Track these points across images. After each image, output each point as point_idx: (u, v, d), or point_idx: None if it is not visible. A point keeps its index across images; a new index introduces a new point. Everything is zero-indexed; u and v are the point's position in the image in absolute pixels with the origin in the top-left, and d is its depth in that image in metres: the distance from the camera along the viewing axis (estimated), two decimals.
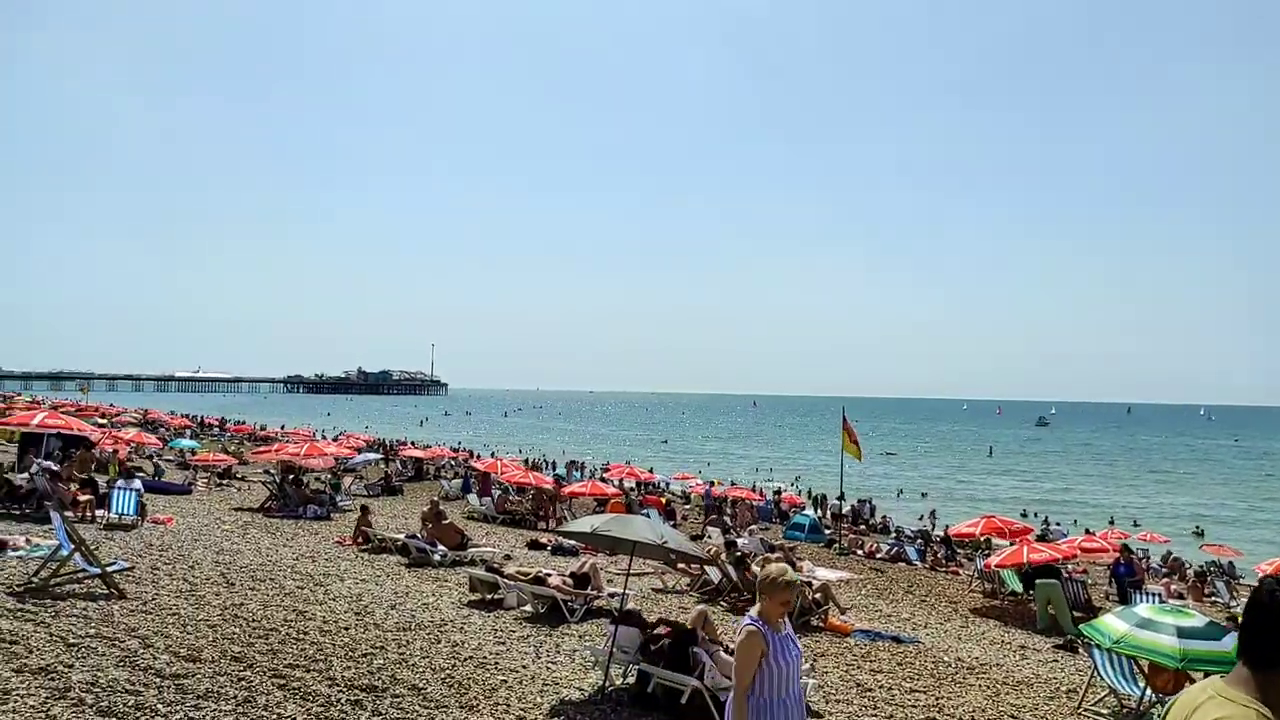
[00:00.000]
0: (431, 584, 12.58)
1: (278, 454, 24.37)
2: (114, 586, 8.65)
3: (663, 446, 79.29)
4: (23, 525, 12.74)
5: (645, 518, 11.11)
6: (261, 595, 9.89)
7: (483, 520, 23.04)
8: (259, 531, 16.61)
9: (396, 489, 28.85)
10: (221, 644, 7.34)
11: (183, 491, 22.52)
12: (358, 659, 7.56)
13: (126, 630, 7.29)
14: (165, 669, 6.30)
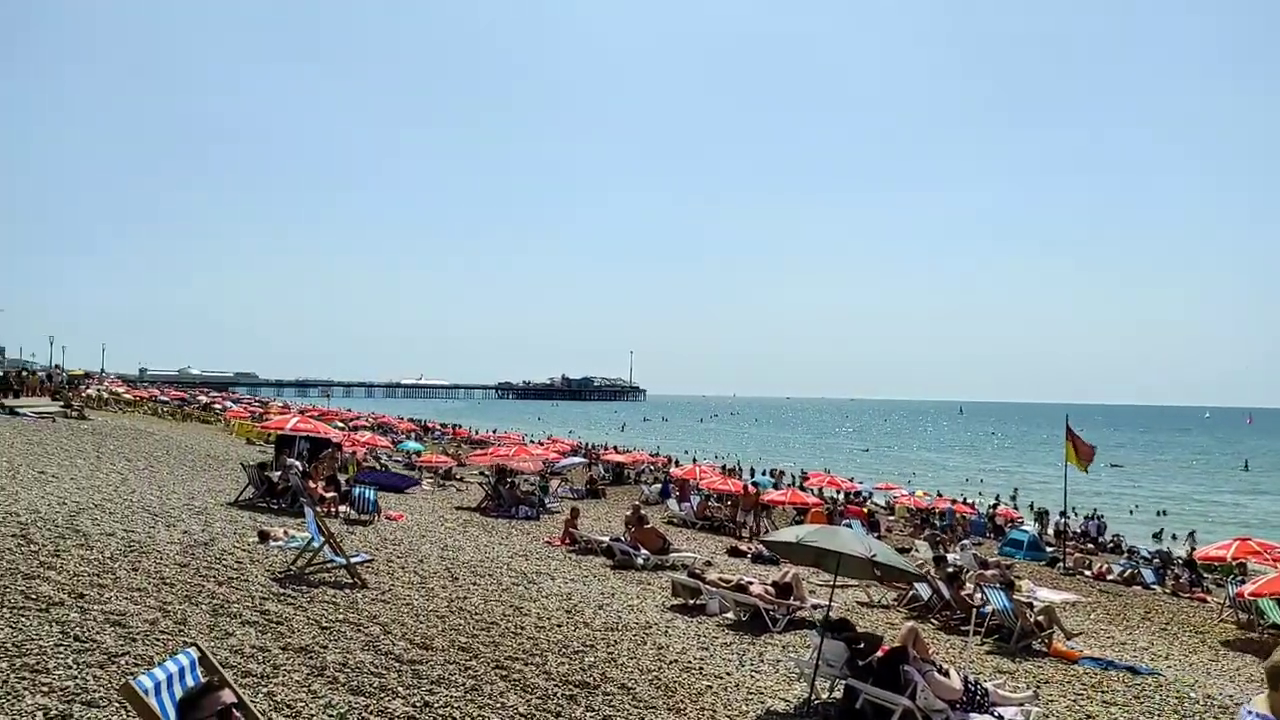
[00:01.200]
0: (635, 586, 12.91)
1: (492, 457, 25.93)
2: (357, 577, 9.55)
3: (864, 455, 76.95)
4: (280, 519, 14.31)
5: (851, 529, 10.85)
6: (482, 590, 10.56)
7: (682, 525, 23.35)
8: (477, 529, 17.74)
9: (599, 492, 29.84)
10: (449, 634, 7.91)
11: (413, 484, 24.61)
12: (570, 655, 7.91)
13: (369, 617, 8.03)
14: (403, 655, 6.88)
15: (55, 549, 8.48)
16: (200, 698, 3.09)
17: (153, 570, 8.32)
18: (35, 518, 10.10)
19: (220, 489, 17.70)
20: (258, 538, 11.57)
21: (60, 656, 5.31)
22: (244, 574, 9.00)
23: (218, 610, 7.26)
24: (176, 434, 32.60)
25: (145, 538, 10.07)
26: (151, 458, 22.01)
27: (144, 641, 5.93)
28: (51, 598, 6.63)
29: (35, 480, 13.98)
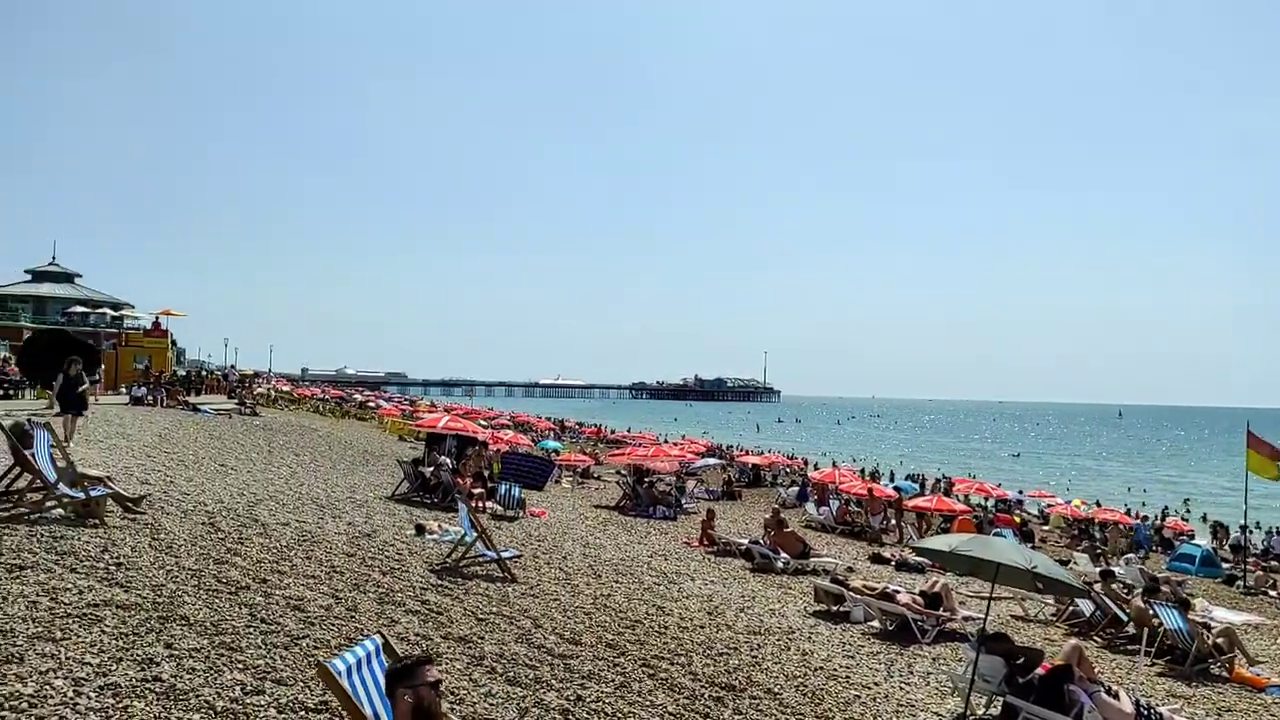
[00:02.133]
0: (776, 590, 12.80)
1: (629, 457, 26.28)
2: (508, 571, 9.91)
3: (1014, 460, 73.23)
4: (433, 513, 15.01)
5: (1007, 539, 10.37)
6: (625, 588, 10.74)
7: (820, 530, 22.94)
8: (616, 528, 18.04)
9: (735, 494, 29.72)
10: (596, 630, 8.09)
11: (549, 469, 25.35)
12: (714, 657, 7.93)
13: (520, 611, 8.31)
14: (554, 649, 7.09)
15: (239, 537, 9.21)
16: (415, 668, 3.30)
17: (324, 559, 8.90)
18: (220, 507, 10.98)
19: (378, 483, 18.71)
20: (414, 531, 12.18)
21: (250, 637, 5.76)
22: (404, 565, 9.49)
23: (383, 599, 7.70)
24: (336, 430, 34.73)
25: (315, 528, 10.78)
26: (316, 452, 23.53)
27: (321, 625, 6.35)
28: (239, 582, 7.21)
29: (217, 472, 15.19)
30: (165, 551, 7.85)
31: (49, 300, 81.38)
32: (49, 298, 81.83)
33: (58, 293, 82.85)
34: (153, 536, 8.40)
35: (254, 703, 4.67)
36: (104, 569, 6.85)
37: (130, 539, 8.09)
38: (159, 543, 8.17)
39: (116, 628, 5.47)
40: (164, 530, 8.77)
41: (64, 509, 8.61)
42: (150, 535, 8.43)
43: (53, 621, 5.38)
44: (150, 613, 5.89)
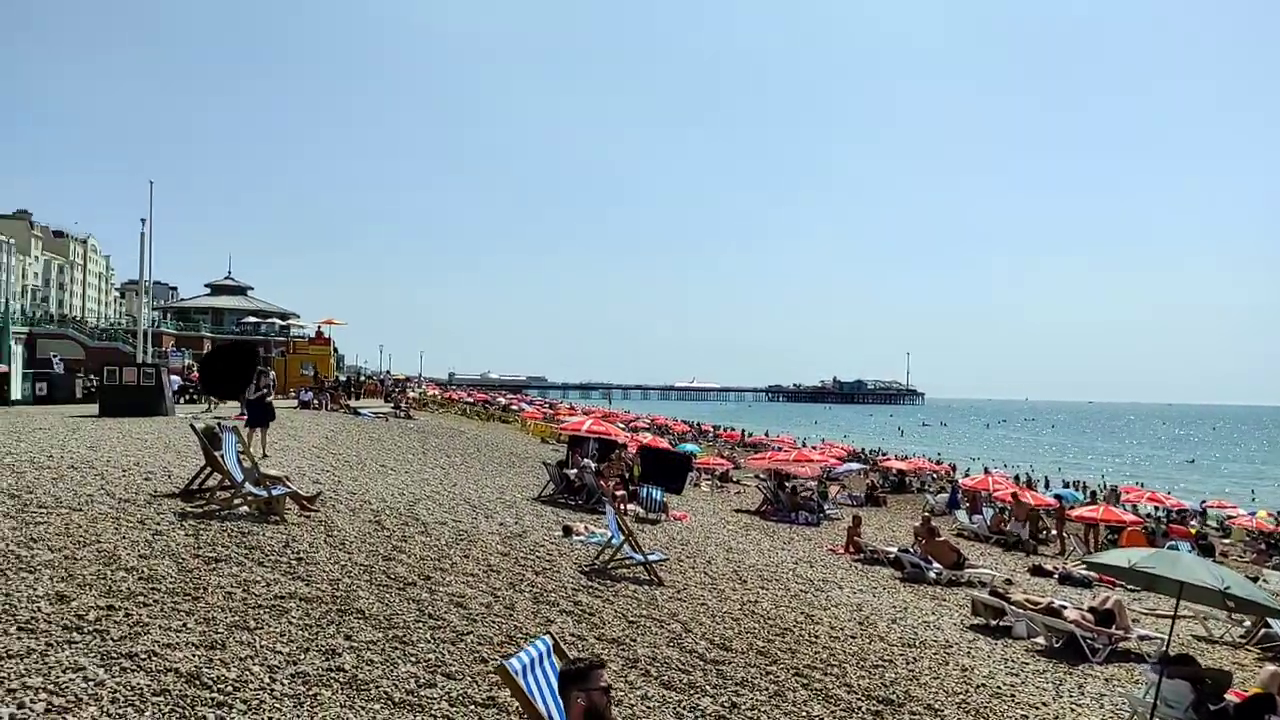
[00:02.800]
0: (929, 601, 12.34)
1: (770, 461, 26.01)
2: (655, 574, 9.99)
3: (1188, 467, 67.77)
4: (578, 514, 15.34)
5: (1193, 556, 9.60)
6: (771, 595, 10.62)
7: (973, 539, 21.96)
8: (758, 533, 17.89)
9: (879, 500, 28.89)
10: (746, 637, 8.03)
11: (686, 463, 25.44)
12: (869, 669, 7.71)
13: (669, 614, 8.36)
14: (705, 654, 7.09)
15: (403, 535, 9.70)
16: (588, 672, 3.39)
17: (480, 558, 9.25)
18: (384, 506, 11.61)
19: (524, 484, 19.30)
20: (562, 532, 12.48)
21: (420, 631, 6.06)
22: (555, 565, 9.74)
23: (538, 598, 7.92)
24: (483, 433, 36.09)
25: (471, 527, 11.22)
26: (465, 454, 24.52)
27: (483, 623, 6.60)
28: (405, 578, 7.59)
29: (378, 472, 16.07)
30: (339, 548, 8.37)
31: (225, 311, 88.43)
32: (225, 309, 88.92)
33: (233, 304, 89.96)
34: (327, 533, 8.97)
35: (427, 695, 4.90)
36: (286, 564, 7.37)
37: (307, 535, 8.67)
38: (333, 539, 8.72)
39: (301, 619, 5.87)
40: (336, 528, 9.35)
41: (249, 506, 9.33)
42: (325, 532, 9.00)
43: (246, 611, 5.83)
44: (330, 606, 6.29)
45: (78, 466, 10.82)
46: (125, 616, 5.33)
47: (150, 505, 8.97)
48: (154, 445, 14.25)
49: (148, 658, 4.70)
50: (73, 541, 6.99)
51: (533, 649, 3.67)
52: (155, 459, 12.49)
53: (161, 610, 5.56)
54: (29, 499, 8.39)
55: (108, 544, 7.05)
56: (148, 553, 6.97)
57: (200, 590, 6.15)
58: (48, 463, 10.90)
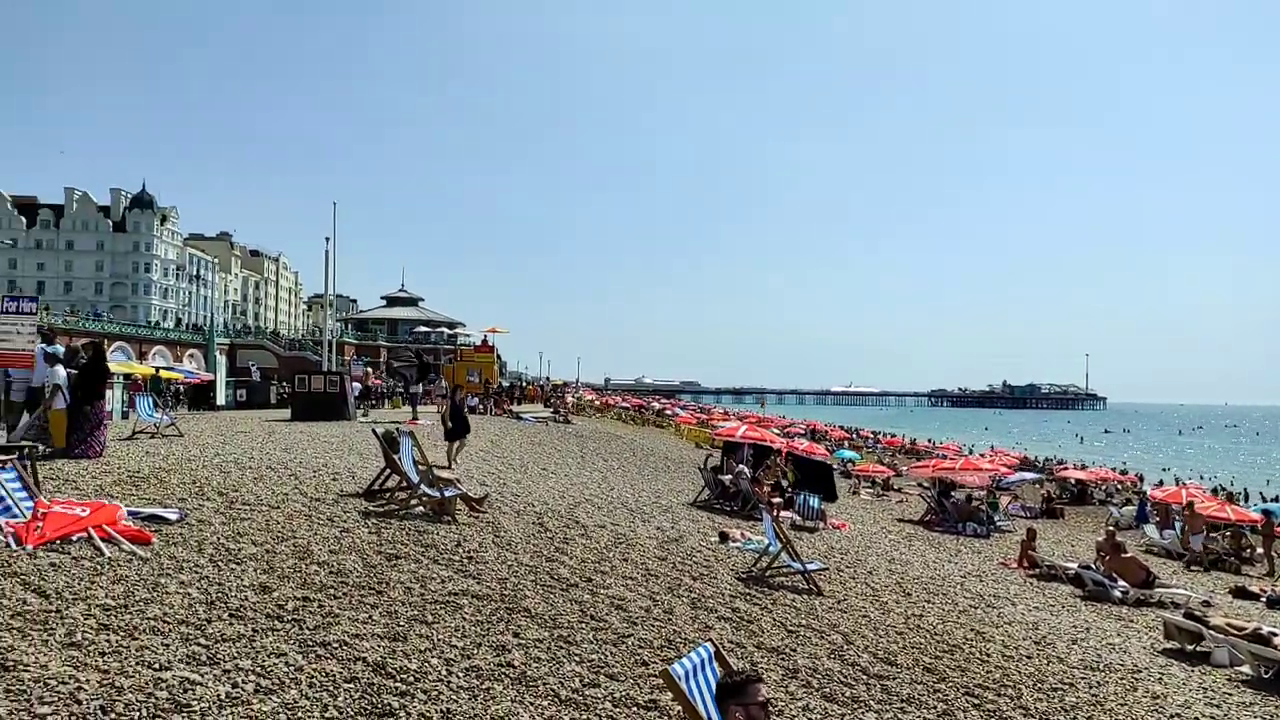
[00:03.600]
0: (1114, 622, 11.49)
1: (934, 469, 24.99)
2: (814, 584, 9.82)
3: None
4: (734, 520, 15.29)
5: None
6: (938, 609, 10.20)
7: (1164, 556, 20.25)
8: (922, 544, 17.22)
9: (1056, 512, 27.17)
10: (911, 652, 7.75)
11: (827, 467, 24.61)
12: (1047, 692, 7.27)
13: (829, 625, 8.19)
14: (868, 667, 6.90)
15: (564, 537, 10.00)
16: (745, 686, 3.40)
17: (639, 561, 9.40)
18: (546, 508, 12.01)
19: (679, 489, 19.44)
20: (718, 538, 12.49)
21: (583, 632, 6.23)
22: (712, 571, 9.76)
23: (695, 604, 7.96)
24: (638, 437, 36.63)
25: (629, 531, 11.43)
26: (621, 458, 24.97)
27: (642, 626, 6.71)
28: (568, 579, 7.82)
29: (540, 475, 16.63)
30: (505, 548, 8.73)
31: (400, 322, 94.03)
32: (399, 320, 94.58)
33: (406, 315, 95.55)
34: (494, 534, 9.38)
35: (592, 694, 5.03)
36: (459, 562, 7.77)
37: (477, 535, 9.10)
38: (500, 540, 9.11)
39: (473, 615, 6.17)
40: (503, 529, 9.76)
41: (424, 506, 9.89)
42: (492, 533, 9.42)
43: (424, 606, 6.19)
44: (499, 604, 6.57)
45: (274, 467, 11.82)
46: (319, 607, 5.78)
47: (337, 504, 9.68)
48: (339, 448, 15.37)
49: (339, 646, 5.08)
50: (272, 536, 7.64)
51: (695, 655, 3.71)
52: (340, 461, 13.46)
53: (350, 603, 6.00)
54: (234, 497, 9.25)
55: (302, 540, 7.67)
56: (336, 548, 7.53)
57: (383, 585, 6.58)
58: (249, 464, 11.97)
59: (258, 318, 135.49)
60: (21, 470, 7.58)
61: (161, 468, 10.75)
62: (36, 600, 5.13)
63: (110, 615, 5.04)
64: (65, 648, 4.47)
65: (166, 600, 5.46)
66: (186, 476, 10.21)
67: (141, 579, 5.84)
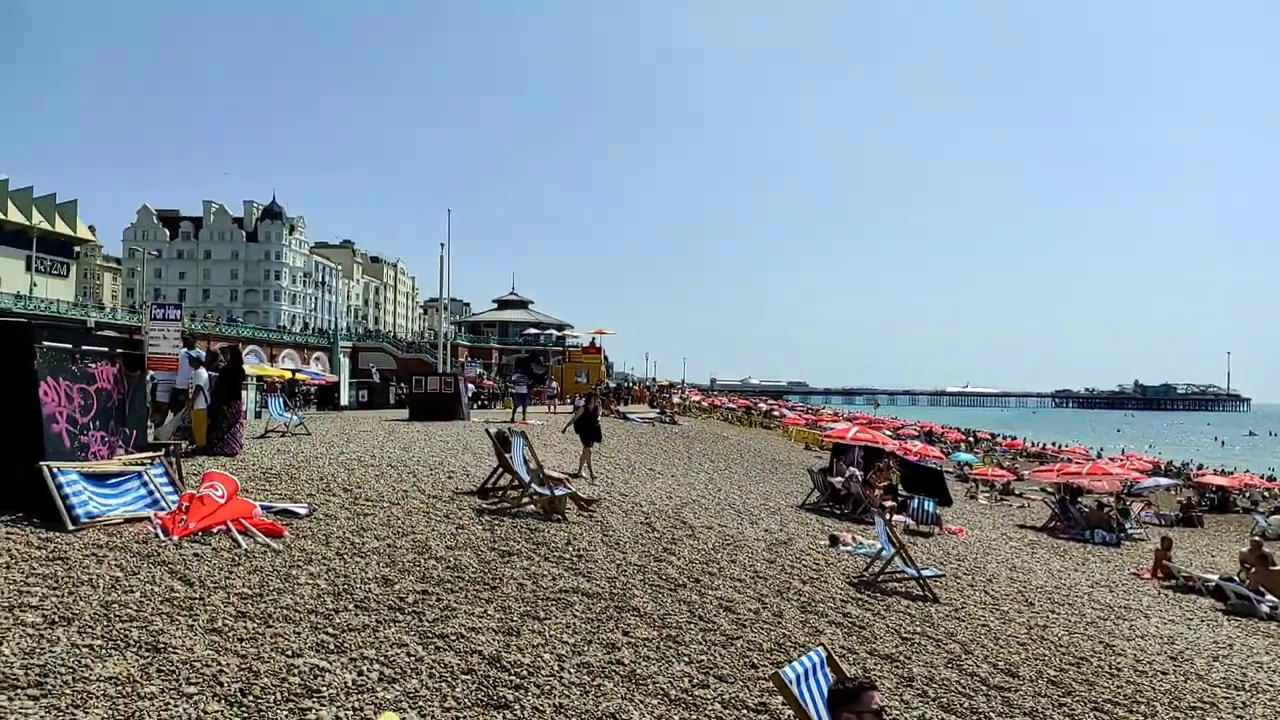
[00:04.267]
0: (1261, 640, 10.70)
1: (1059, 473, 23.85)
2: (929, 590, 9.53)
3: None
4: (844, 523, 14.99)
5: None
6: (1063, 620, 9.73)
7: None
8: (1046, 552, 16.46)
9: (1195, 520, 25.49)
10: (1035, 664, 7.43)
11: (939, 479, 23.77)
12: (1184, 711, 6.84)
13: (946, 634, 7.94)
14: (988, 678, 6.65)
15: (672, 537, 10.04)
16: (858, 693, 3.35)
17: (747, 563, 9.35)
18: (653, 509, 12.08)
19: (787, 491, 19.23)
20: (829, 541, 12.28)
21: (691, 632, 6.24)
22: (822, 575, 9.60)
23: (805, 607, 7.85)
24: (745, 438, 36.40)
25: (736, 533, 11.37)
26: (728, 459, 24.87)
27: (751, 628, 6.66)
28: (676, 580, 7.85)
29: (647, 475, 16.75)
30: (614, 547, 8.84)
31: (510, 324, 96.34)
32: (510, 322, 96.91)
33: (517, 318, 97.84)
34: (603, 533, 9.50)
35: (701, 695, 5.03)
36: (569, 560, 7.91)
37: (586, 534, 9.25)
38: (609, 539, 9.22)
39: (584, 612, 6.27)
40: (612, 528, 9.88)
41: (535, 505, 10.11)
42: (601, 532, 9.55)
43: (536, 603, 6.33)
44: (608, 602, 6.66)
45: (394, 465, 12.32)
46: (437, 601, 5.99)
47: (453, 501, 10.01)
48: (454, 447, 15.89)
49: (456, 639, 5.25)
50: (393, 532, 7.97)
51: (806, 660, 3.66)
52: (455, 459, 13.91)
53: (466, 597, 6.20)
54: (358, 493, 9.69)
55: (421, 535, 7.96)
56: (453, 544, 7.79)
57: (497, 581, 6.77)
58: (371, 461, 12.52)
59: (377, 321, 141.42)
60: (169, 467, 8.16)
61: (291, 465, 11.36)
62: (182, 588, 5.51)
63: (247, 603, 5.37)
64: (208, 633, 4.78)
65: (297, 590, 5.77)
66: (314, 473, 10.76)
67: (274, 570, 6.20)
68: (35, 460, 6.80)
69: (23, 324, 7.91)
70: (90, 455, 7.65)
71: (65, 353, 7.62)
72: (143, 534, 6.65)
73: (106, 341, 8.58)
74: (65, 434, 7.40)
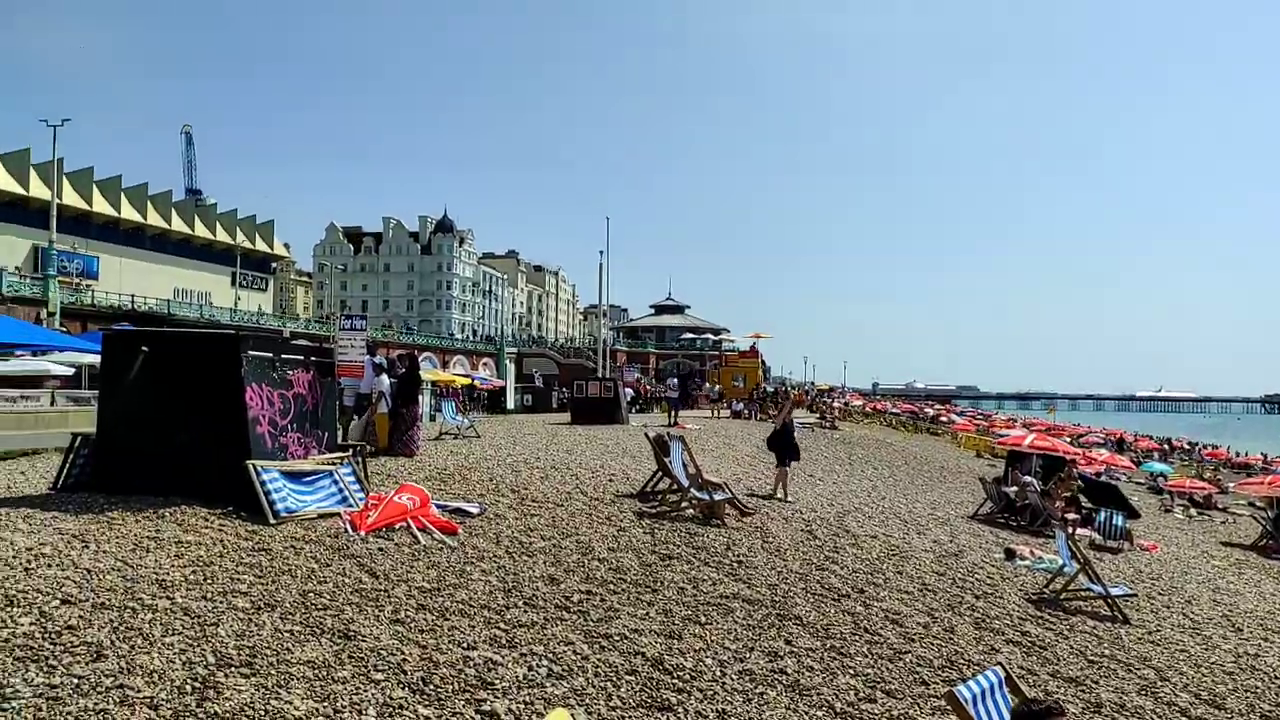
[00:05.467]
0: None
1: (1270, 486, 21.53)
2: (1118, 610, 8.83)
3: None
4: (1021, 536, 14.15)
5: None
6: (1277, 649, 8.76)
7: None
8: (1256, 573, 14.90)
9: None
10: (1244, 695, 6.74)
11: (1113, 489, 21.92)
12: None
13: (1138, 658, 7.33)
14: (1189, 709, 6.09)
15: (834, 545, 9.81)
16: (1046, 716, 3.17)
17: (914, 575, 8.99)
18: (814, 516, 11.85)
19: (957, 500, 18.40)
20: (1004, 555, 11.63)
21: (856, 644, 6.07)
22: (997, 590, 9.10)
23: (979, 624, 7.46)
24: (910, 445, 35.09)
25: (902, 543, 10.97)
26: (893, 466, 24.05)
27: (920, 643, 6.40)
28: (839, 589, 7.66)
29: (807, 482, 16.46)
30: (774, 554, 8.74)
31: (667, 329, 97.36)
32: (667, 327, 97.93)
33: (674, 323, 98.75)
34: (763, 539, 9.42)
35: (868, 710, 4.89)
36: (729, 565, 7.89)
37: (746, 540, 9.19)
38: (769, 545, 9.13)
39: (745, 619, 6.23)
40: (771, 534, 9.77)
41: (694, 509, 10.15)
42: (761, 538, 9.46)
43: (697, 607, 6.35)
44: (769, 609, 6.59)
45: (558, 468, 12.71)
46: (600, 601, 6.13)
47: (614, 504, 10.21)
48: (614, 450, 16.21)
49: (620, 639, 5.35)
50: (558, 532, 8.22)
51: (984, 679, 3.48)
52: (615, 462, 14.19)
53: (628, 599, 6.30)
54: (525, 494, 10.06)
55: (584, 537, 8.17)
56: (615, 546, 7.95)
57: (658, 584, 6.84)
58: (536, 464, 12.97)
59: (540, 328, 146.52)
60: (356, 466, 8.78)
61: (464, 466, 11.95)
62: (369, 580, 5.91)
63: (426, 596, 5.69)
64: (392, 623, 5.10)
65: (471, 586, 6.06)
66: (484, 474, 11.27)
67: (450, 565, 6.54)
68: (242, 459, 7.49)
69: (232, 335, 8.73)
70: (288, 455, 8.34)
71: (267, 361, 8.35)
72: (334, 529, 7.18)
73: (302, 350, 9.33)
74: (267, 435, 8.10)
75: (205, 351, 8.45)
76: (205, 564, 5.79)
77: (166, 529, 6.58)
